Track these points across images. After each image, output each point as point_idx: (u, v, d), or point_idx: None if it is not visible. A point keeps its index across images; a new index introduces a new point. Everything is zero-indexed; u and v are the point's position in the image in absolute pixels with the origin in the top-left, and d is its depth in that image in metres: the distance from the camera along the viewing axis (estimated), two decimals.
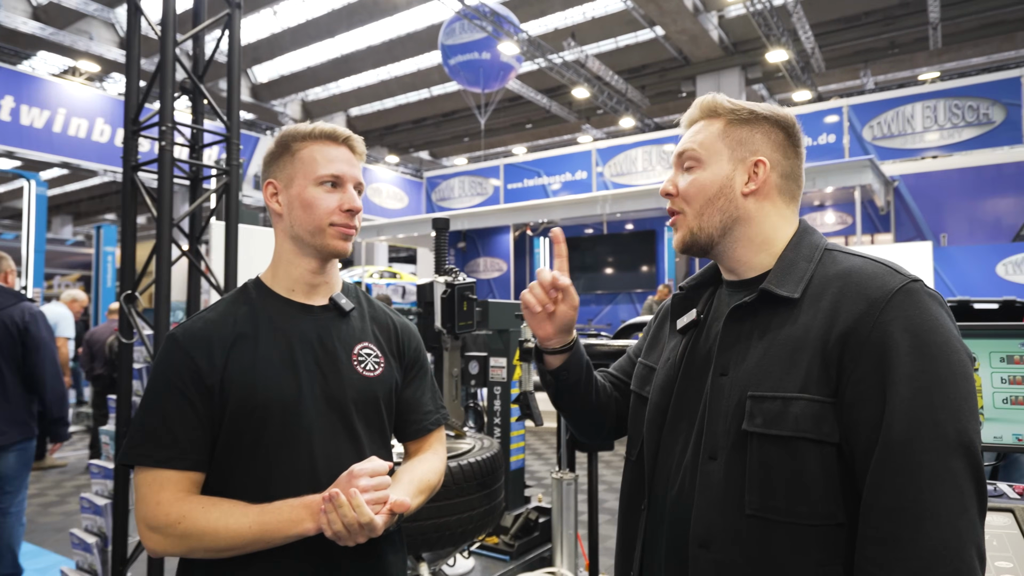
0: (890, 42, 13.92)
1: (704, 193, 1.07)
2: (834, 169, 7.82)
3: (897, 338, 0.89)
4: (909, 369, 0.88)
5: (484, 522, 2.38)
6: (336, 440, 1.25)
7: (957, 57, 14.24)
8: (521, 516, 3.12)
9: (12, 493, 3.35)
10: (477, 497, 2.34)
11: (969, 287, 7.84)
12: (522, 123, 19.08)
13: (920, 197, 9.12)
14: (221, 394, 1.19)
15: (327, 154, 1.27)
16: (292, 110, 18.00)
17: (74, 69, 12.26)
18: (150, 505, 1.14)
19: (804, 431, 0.92)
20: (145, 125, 2.60)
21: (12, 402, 3.29)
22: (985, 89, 9.21)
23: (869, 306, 0.92)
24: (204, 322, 1.25)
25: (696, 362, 1.11)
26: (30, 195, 8.57)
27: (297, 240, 1.28)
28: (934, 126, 9.44)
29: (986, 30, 13.22)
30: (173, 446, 1.16)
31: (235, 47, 2.79)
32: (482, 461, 2.36)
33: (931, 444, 0.85)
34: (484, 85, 12.44)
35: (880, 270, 0.97)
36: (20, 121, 10.14)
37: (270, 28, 14.78)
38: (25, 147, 10.37)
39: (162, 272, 2.42)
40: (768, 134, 1.08)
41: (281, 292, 1.30)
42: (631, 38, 14.47)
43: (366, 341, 1.34)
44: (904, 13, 12.65)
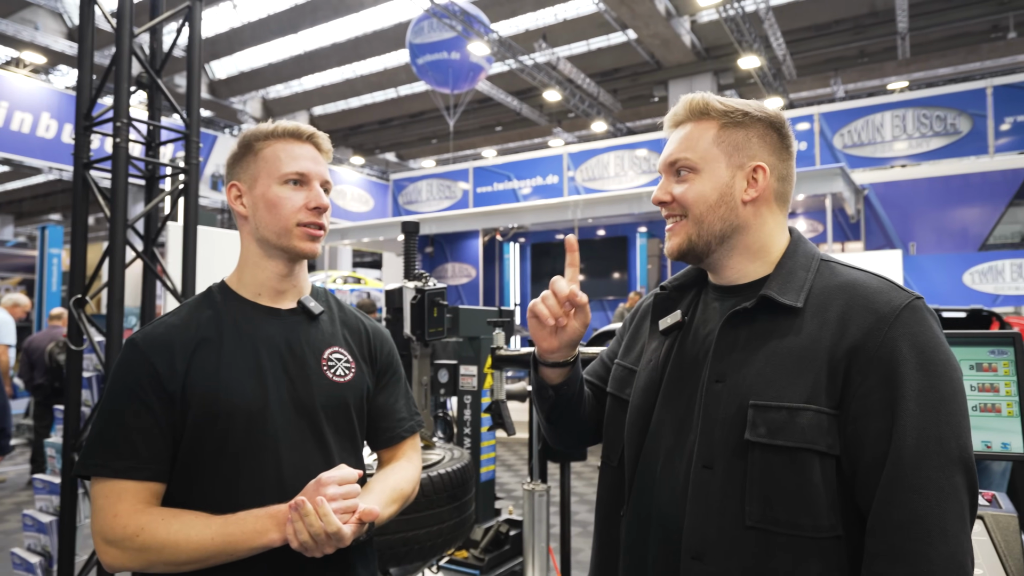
0: (860, 51, 14.37)
1: (704, 201, 1.07)
2: (805, 177, 8.01)
3: (905, 354, 0.92)
4: (917, 385, 0.91)
5: (454, 536, 2.37)
6: (304, 448, 1.24)
7: (925, 67, 14.76)
8: (491, 529, 3.12)
9: None
10: (447, 510, 2.33)
11: (937, 295, 8.11)
12: (492, 125, 19.13)
13: (889, 206, 9.40)
14: (183, 401, 1.17)
15: (291, 152, 1.26)
16: (252, 108, 17.74)
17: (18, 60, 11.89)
18: (107, 517, 1.11)
19: (811, 442, 0.94)
20: (98, 121, 2.54)
21: None
22: (952, 100, 9.57)
23: (878, 321, 0.95)
24: (165, 327, 1.23)
25: (684, 366, 1.10)
26: None
27: (263, 242, 1.27)
28: (903, 135, 9.77)
29: (952, 41, 13.75)
30: (132, 456, 1.14)
31: (195, 41, 2.74)
32: (452, 472, 2.35)
33: (938, 460, 0.89)
34: (453, 86, 12.43)
35: (885, 285, 1.00)
36: None
37: (229, 22, 14.55)
38: None
39: (115, 275, 2.36)
40: (763, 137, 1.08)
41: (247, 296, 1.28)
42: (603, 41, 14.64)
43: (336, 345, 1.33)
44: (874, 22, 13.07)
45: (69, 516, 2.53)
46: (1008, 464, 3.60)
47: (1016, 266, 8.19)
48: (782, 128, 1.10)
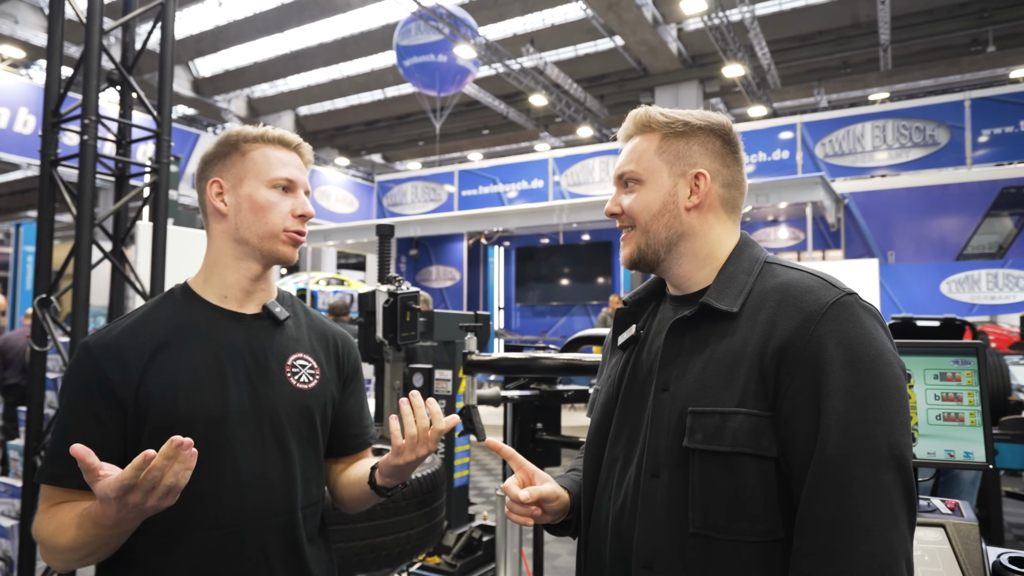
0: (843, 61, 14.54)
1: (648, 211, 1.09)
2: (787, 185, 8.09)
3: (831, 352, 0.92)
4: (843, 383, 0.90)
5: (423, 542, 2.36)
6: (265, 456, 1.22)
7: (906, 79, 14.96)
8: (464, 535, 3.10)
9: None
10: (416, 516, 2.31)
11: (915, 304, 8.21)
12: (479, 128, 19.12)
13: (869, 215, 9.51)
14: (137, 408, 1.15)
15: (280, 158, 1.26)
16: (237, 106, 17.60)
17: None
18: (43, 523, 1.11)
19: (742, 446, 0.94)
20: (67, 117, 2.50)
21: None
22: (931, 111, 9.71)
23: (804, 319, 0.95)
24: (120, 331, 1.21)
25: (638, 378, 1.11)
26: None
27: (241, 243, 1.25)
28: (883, 145, 9.89)
29: (933, 54, 13.95)
30: (68, 464, 1.10)
31: (168, 38, 2.71)
32: (421, 478, 2.34)
33: (864, 458, 0.88)
34: (440, 88, 12.42)
35: (816, 283, 0.99)
36: None
37: (214, 19, 14.44)
38: None
39: (81, 275, 2.32)
40: (705, 144, 1.10)
41: (211, 299, 1.26)
42: (591, 47, 14.70)
43: (301, 352, 1.31)
44: (857, 34, 13.24)
45: (29, 521, 2.48)
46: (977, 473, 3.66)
47: (992, 276, 8.32)
48: (727, 135, 1.12)
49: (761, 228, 10.61)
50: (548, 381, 2.78)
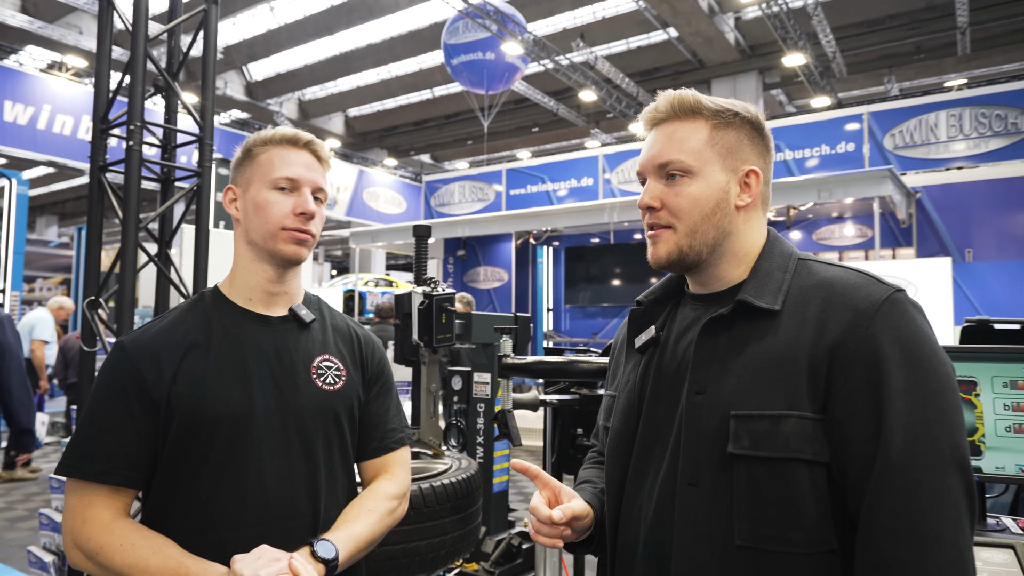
0: (916, 47, 13.93)
1: (700, 208, 1.02)
2: (852, 179, 7.79)
3: (888, 350, 0.89)
4: (902, 382, 0.87)
5: (457, 548, 2.36)
6: (290, 457, 1.24)
7: (987, 64, 14.22)
8: (503, 541, 3.10)
9: None
10: (450, 521, 2.32)
11: (995, 305, 7.77)
12: (528, 126, 19.15)
13: (944, 210, 9.07)
14: (167, 407, 1.19)
15: (285, 158, 1.28)
16: (288, 109, 18.13)
17: (61, 64, 12.40)
18: (76, 521, 1.14)
19: (796, 451, 0.90)
20: (115, 124, 2.62)
21: None
22: (1014, 97, 9.17)
23: (857, 316, 0.91)
24: (154, 331, 1.25)
25: (664, 381, 1.07)
26: (10, 194, 8.65)
27: (253, 245, 1.29)
28: (959, 135, 9.41)
29: (1017, 35, 13.20)
30: (105, 460, 1.16)
31: (210, 44, 2.81)
32: (456, 483, 2.34)
33: (928, 461, 0.85)
34: (488, 86, 12.50)
35: (863, 280, 0.96)
36: (4, 117, 10.25)
37: (266, 24, 14.92)
38: (8, 144, 10.47)
39: (126, 277, 2.43)
40: (752, 139, 1.05)
41: (238, 301, 1.30)
42: (643, 39, 14.53)
43: (327, 353, 1.34)
44: (931, 17, 12.66)
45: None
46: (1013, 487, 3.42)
47: None
48: (764, 129, 1.08)
49: (825, 225, 10.25)
50: (589, 385, 2.75)
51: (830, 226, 10.24)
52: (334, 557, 1.17)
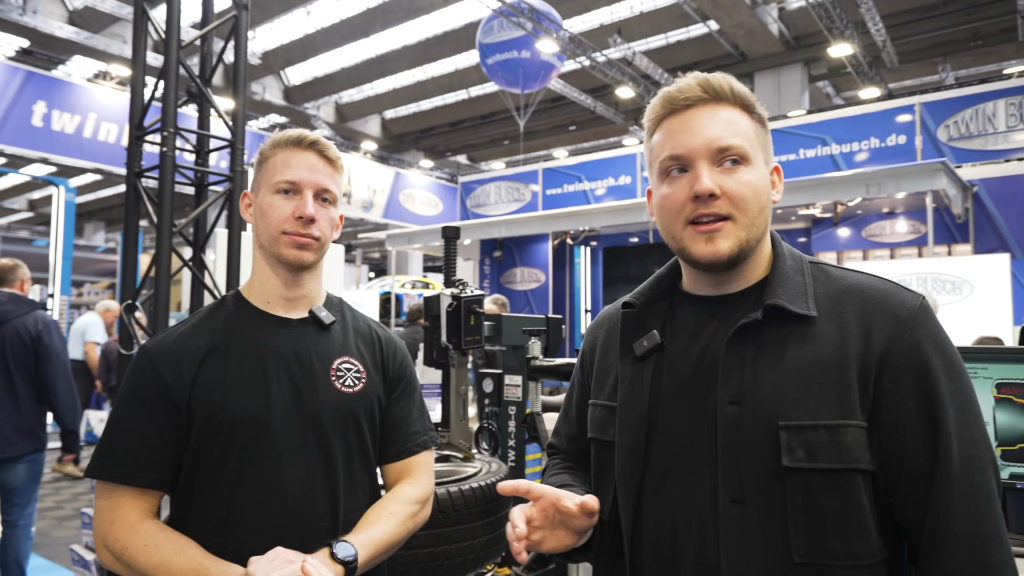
0: (973, 33, 13.45)
1: (758, 199, 0.98)
2: (903, 173, 7.54)
3: (933, 357, 0.91)
4: (949, 389, 0.90)
5: (487, 552, 2.36)
6: (308, 459, 1.26)
7: None
8: None
9: (21, 506, 3.49)
10: (479, 525, 2.32)
11: None
12: (565, 125, 19.11)
13: (1004, 204, 8.70)
14: (188, 410, 1.22)
15: (289, 160, 1.29)
16: (325, 113, 18.46)
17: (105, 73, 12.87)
18: (104, 522, 1.19)
19: (855, 461, 0.90)
20: (149, 130, 2.71)
21: (23, 413, 3.43)
22: None
23: (899, 325, 0.93)
24: (176, 335, 1.29)
25: (682, 390, 1.00)
26: (59, 201, 9.01)
27: (262, 249, 1.32)
28: (1019, 125, 9.03)
29: None
30: (130, 462, 1.20)
31: (241, 50, 2.88)
32: (485, 487, 2.35)
33: (978, 464, 0.88)
34: (523, 85, 12.50)
35: (891, 287, 0.98)
36: (51, 127, 10.69)
37: (303, 28, 15.22)
38: (56, 153, 10.93)
39: (161, 281, 2.51)
40: (767, 135, 1.05)
41: (258, 304, 1.33)
42: (683, 33, 14.37)
43: (347, 355, 1.35)
44: (989, 1, 12.21)
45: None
46: None
47: None
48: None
49: (875, 221, 9.96)
50: None
51: (880, 222, 9.93)
52: (353, 558, 1.18)
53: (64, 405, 3.52)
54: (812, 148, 10.50)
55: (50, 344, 3.45)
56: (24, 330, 3.40)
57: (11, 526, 3.47)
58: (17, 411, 3.40)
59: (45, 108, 10.62)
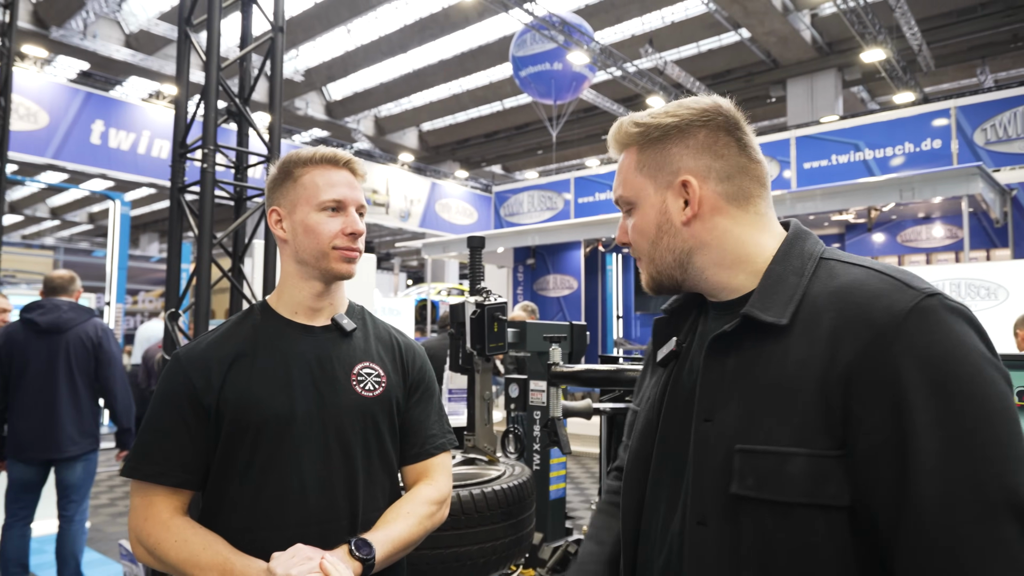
0: (1012, 35, 13.01)
1: (645, 237, 0.96)
2: (938, 178, 7.33)
3: (912, 376, 0.74)
4: (934, 414, 0.72)
5: (509, 553, 2.38)
6: (329, 462, 1.29)
7: None
8: (560, 548, 3.10)
9: (77, 502, 3.64)
10: (502, 527, 2.34)
11: None
12: (597, 134, 19.07)
13: None
14: (217, 414, 1.26)
15: (329, 178, 1.33)
16: (365, 126, 18.78)
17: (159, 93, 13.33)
18: (138, 519, 1.24)
19: (807, 495, 0.77)
20: (192, 148, 2.82)
21: (84, 414, 3.60)
22: None
23: (875, 335, 0.76)
24: (206, 343, 1.33)
25: (678, 402, 0.97)
26: (115, 215, 9.36)
27: (302, 264, 1.34)
28: None
29: None
30: (163, 462, 1.25)
31: (277, 70, 2.98)
32: (508, 489, 2.37)
33: (974, 509, 0.70)
34: (556, 96, 12.54)
35: (887, 285, 0.80)
36: (109, 144, 11.13)
37: (344, 46, 15.54)
38: (113, 168, 11.36)
39: (202, 290, 2.60)
40: (685, 142, 0.93)
41: (284, 313, 1.37)
42: (714, 42, 14.25)
43: (368, 361, 1.38)
44: None
45: None
46: None
47: None
48: (711, 119, 0.94)
49: (911, 227, 9.69)
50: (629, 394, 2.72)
51: (916, 227, 9.67)
52: (371, 555, 1.21)
53: (122, 405, 3.68)
54: (845, 154, 10.28)
55: (109, 349, 3.61)
56: (85, 336, 3.56)
57: (68, 521, 3.61)
58: (79, 413, 3.56)
59: (103, 127, 11.07)
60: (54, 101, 10.90)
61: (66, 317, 3.53)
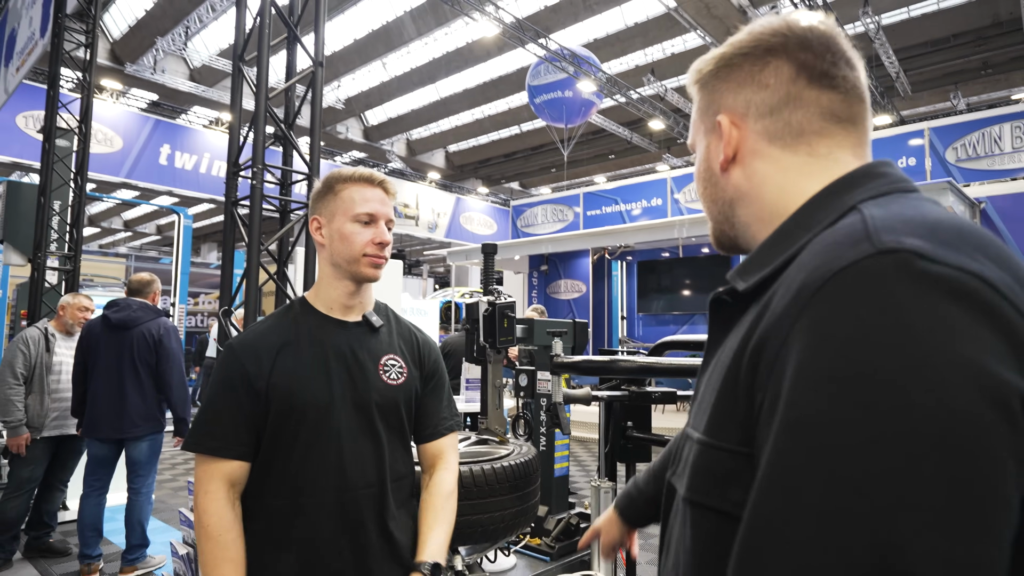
0: (983, 63, 12.78)
1: (700, 187, 0.77)
2: None
3: (795, 364, 0.49)
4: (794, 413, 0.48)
5: (517, 522, 2.42)
6: (361, 439, 1.35)
7: None
8: (563, 520, 3.13)
9: (143, 476, 3.75)
10: (510, 498, 2.38)
11: None
12: (604, 154, 19.05)
13: (1012, 220, 8.24)
14: (266, 396, 1.30)
15: (364, 195, 1.38)
16: (398, 148, 18.94)
17: (218, 120, 13.58)
18: (200, 494, 1.28)
19: (694, 491, 0.61)
20: (243, 167, 2.91)
21: (147, 400, 3.70)
22: None
23: (792, 300, 0.52)
24: (255, 334, 1.39)
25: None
26: (179, 226, 9.57)
27: (336, 267, 1.39)
28: None
29: None
30: (223, 438, 1.29)
31: (317, 99, 3.06)
32: (515, 465, 2.41)
33: (772, 527, 0.46)
34: (567, 121, 12.57)
35: (849, 237, 0.52)
36: (175, 165, 11.37)
37: (380, 77, 15.71)
38: (178, 186, 11.61)
39: (250, 291, 2.68)
40: (729, 75, 0.71)
41: (321, 309, 1.42)
42: None
43: (392, 353, 1.44)
44: (998, 33, 11.60)
45: None
46: None
47: None
48: (763, 44, 0.68)
49: None
50: (637, 383, 2.75)
51: None
52: (439, 567, 1.34)
53: (177, 396, 3.76)
54: None
55: (168, 346, 3.70)
56: (148, 333, 3.66)
57: (135, 493, 3.72)
58: (143, 400, 3.66)
59: (169, 150, 11.31)
60: (127, 128, 11.18)
61: (135, 315, 3.64)
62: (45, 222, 4.84)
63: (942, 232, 0.50)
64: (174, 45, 12.31)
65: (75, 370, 3.74)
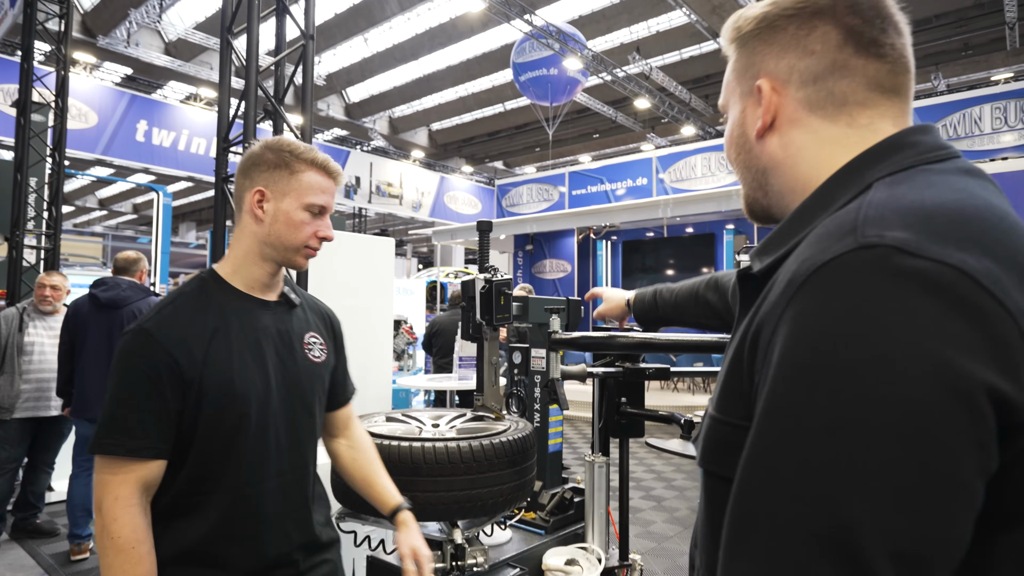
0: (964, 44, 12.91)
1: (729, 150, 0.75)
2: None
3: (783, 348, 0.52)
4: (774, 401, 0.52)
5: (514, 496, 2.45)
6: (296, 420, 1.34)
7: None
8: (557, 495, 3.18)
9: None
10: (507, 473, 2.42)
11: None
12: (589, 133, 18.98)
13: None
14: (200, 387, 1.19)
15: (321, 184, 1.31)
16: (380, 126, 18.67)
17: (196, 95, 13.25)
18: (108, 500, 1.13)
19: (715, 464, 0.64)
20: (234, 143, 2.85)
21: None
22: None
23: (782, 292, 0.55)
24: (176, 317, 1.23)
25: None
26: (158, 205, 9.38)
27: (269, 247, 1.30)
28: (1004, 127, 8.71)
29: None
30: (145, 436, 1.16)
31: (308, 74, 3.00)
32: (512, 440, 2.44)
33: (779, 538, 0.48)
34: (552, 99, 12.50)
35: (840, 227, 0.54)
36: (152, 141, 11.10)
37: (361, 53, 15.41)
38: (156, 164, 11.34)
39: None
40: (773, 37, 0.68)
41: (241, 288, 1.32)
42: (695, 50, 14.12)
43: (312, 331, 1.43)
44: (979, 14, 11.72)
45: None
46: None
47: None
48: (811, 7, 0.65)
49: None
50: (631, 359, 2.78)
51: None
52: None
53: None
54: None
55: None
56: (139, 312, 3.59)
57: None
58: None
59: (146, 126, 11.03)
60: (103, 103, 10.87)
61: (124, 295, 3.58)
62: (22, 200, 4.71)
63: (936, 220, 0.52)
64: (148, 18, 11.93)
65: (61, 350, 3.67)
